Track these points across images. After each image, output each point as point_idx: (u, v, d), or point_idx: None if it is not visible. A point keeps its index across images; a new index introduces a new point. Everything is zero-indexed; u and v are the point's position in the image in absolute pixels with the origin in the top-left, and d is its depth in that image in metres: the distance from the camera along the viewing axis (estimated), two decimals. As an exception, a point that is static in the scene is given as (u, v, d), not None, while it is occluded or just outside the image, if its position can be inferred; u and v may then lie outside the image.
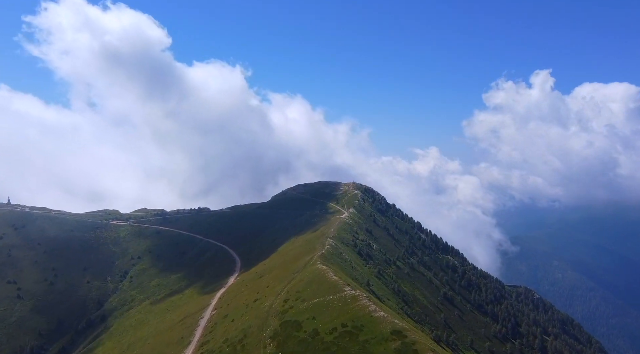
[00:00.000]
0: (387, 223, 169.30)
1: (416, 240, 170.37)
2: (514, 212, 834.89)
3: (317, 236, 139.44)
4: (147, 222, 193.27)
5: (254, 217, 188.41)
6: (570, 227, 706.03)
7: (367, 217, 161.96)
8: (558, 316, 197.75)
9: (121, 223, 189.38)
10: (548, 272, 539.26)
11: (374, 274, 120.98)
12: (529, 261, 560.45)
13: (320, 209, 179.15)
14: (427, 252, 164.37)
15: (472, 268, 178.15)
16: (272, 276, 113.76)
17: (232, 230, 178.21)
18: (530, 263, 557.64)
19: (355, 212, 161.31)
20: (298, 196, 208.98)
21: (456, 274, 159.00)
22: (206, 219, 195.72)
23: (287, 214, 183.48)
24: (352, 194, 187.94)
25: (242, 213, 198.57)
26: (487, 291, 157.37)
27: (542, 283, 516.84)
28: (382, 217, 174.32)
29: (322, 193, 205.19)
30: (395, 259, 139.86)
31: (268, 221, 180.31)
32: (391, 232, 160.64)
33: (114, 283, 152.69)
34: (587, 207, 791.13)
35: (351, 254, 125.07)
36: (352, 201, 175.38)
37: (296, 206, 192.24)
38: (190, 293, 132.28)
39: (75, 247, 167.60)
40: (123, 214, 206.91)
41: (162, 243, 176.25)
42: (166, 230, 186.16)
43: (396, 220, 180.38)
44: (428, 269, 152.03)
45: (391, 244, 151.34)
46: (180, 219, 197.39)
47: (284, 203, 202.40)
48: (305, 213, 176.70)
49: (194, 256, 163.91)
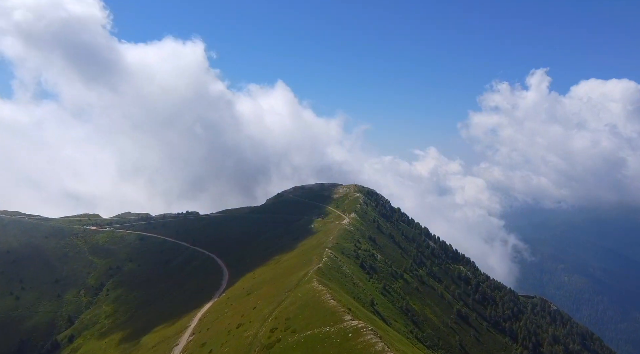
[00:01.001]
0: (392, 230, 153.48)
1: (424, 248, 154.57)
2: (518, 214, 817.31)
3: (314, 245, 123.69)
4: (129, 227, 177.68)
5: (246, 223, 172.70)
6: (576, 229, 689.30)
7: (370, 224, 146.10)
8: (577, 330, 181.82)
9: (101, 229, 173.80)
10: (554, 275, 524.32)
11: (378, 291, 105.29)
12: (534, 263, 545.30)
13: (319, 213, 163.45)
14: (436, 262, 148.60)
15: (485, 278, 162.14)
16: (261, 294, 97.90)
17: (222, 237, 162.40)
18: (536, 266, 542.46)
19: (356, 217, 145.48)
20: (294, 199, 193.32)
21: (469, 286, 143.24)
22: (194, 225, 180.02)
23: (282, 219, 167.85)
24: (354, 197, 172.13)
25: (233, 218, 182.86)
26: (504, 306, 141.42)
27: (548, 287, 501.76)
28: (387, 223, 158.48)
29: (321, 196, 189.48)
30: (402, 271, 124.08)
31: (261, 226, 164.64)
32: (397, 240, 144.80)
33: (88, 296, 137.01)
34: (593, 209, 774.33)
35: (353, 267, 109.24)
36: (354, 205, 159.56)
37: (292, 210, 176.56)
38: (170, 311, 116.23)
39: (48, 256, 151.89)
40: (104, 219, 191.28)
41: (145, 251, 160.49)
42: (150, 236, 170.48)
43: (402, 226, 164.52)
44: (438, 281, 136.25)
45: (397, 254, 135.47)
46: (167, 224, 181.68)
47: (279, 207, 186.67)
48: (302, 218, 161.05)
49: (178, 265, 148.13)
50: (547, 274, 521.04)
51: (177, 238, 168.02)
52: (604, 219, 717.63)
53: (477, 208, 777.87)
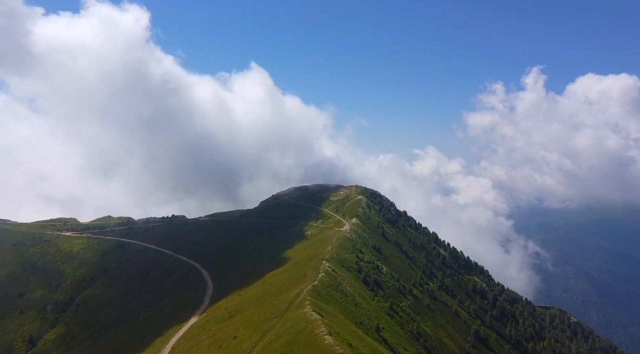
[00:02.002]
0: (399, 236, 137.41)
1: (434, 257, 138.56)
2: (525, 214, 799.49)
3: (310, 255, 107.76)
4: (109, 233, 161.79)
5: (236, 228, 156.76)
6: (581, 229, 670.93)
7: (374, 230, 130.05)
8: (600, 344, 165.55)
9: (77, 235, 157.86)
10: (560, 278, 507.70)
11: (385, 311, 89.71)
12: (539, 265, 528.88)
13: (316, 218, 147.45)
14: (448, 272, 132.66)
15: (501, 289, 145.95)
16: (244, 318, 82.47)
17: (208, 244, 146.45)
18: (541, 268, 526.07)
19: (358, 223, 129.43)
20: (290, 201, 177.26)
21: (486, 300, 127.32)
22: (179, 230, 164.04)
23: (275, 224, 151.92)
24: (355, 200, 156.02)
25: (221, 223, 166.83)
26: (525, 323, 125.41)
27: (554, 289, 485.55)
28: (392, 228, 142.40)
29: (319, 198, 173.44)
30: (411, 286, 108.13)
31: (252, 232, 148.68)
32: (404, 248, 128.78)
33: (55, 313, 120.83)
34: (599, 209, 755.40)
35: (354, 282, 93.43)
36: (355, 209, 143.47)
37: (287, 214, 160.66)
38: (142, 333, 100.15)
39: (13, 266, 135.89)
40: (81, 224, 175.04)
41: (123, 260, 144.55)
42: (131, 243, 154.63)
43: (409, 232, 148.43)
44: (452, 296, 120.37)
45: (405, 265, 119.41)
46: (149, 229, 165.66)
47: (273, 210, 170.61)
48: (298, 223, 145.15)
49: (159, 277, 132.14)
50: (552, 276, 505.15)
51: (160, 245, 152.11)
52: (610, 219, 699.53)
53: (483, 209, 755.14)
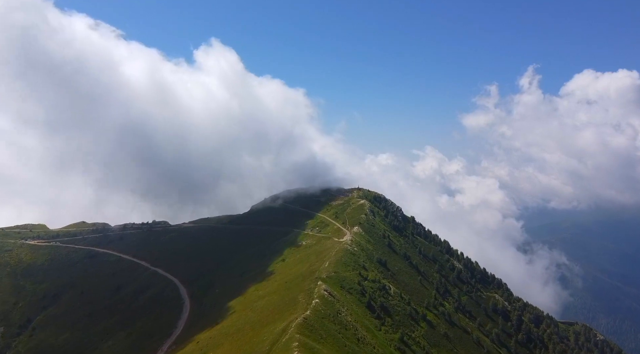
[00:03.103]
0: (407, 247, 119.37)
1: (448, 270, 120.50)
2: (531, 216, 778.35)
3: (304, 273, 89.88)
4: (80, 241, 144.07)
5: (222, 236, 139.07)
6: (588, 231, 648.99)
7: (379, 241, 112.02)
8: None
9: (44, 243, 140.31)
10: (567, 281, 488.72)
11: (394, 345, 71.92)
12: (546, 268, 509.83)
13: (313, 226, 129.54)
14: (465, 289, 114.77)
15: (523, 306, 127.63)
16: (217, 360, 64.62)
17: (190, 255, 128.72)
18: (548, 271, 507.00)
19: (361, 232, 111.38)
20: (284, 206, 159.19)
21: (509, 322, 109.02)
22: (159, 238, 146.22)
23: (266, 232, 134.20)
24: (357, 204, 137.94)
25: (207, 230, 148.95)
26: (555, 349, 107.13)
27: (561, 294, 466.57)
28: (400, 238, 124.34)
29: (317, 203, 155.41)
30: (424, 308, 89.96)
31: (240, 242, 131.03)
32: (414, 261, 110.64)
33: (6, 338, 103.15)
34: (606, 210, 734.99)
35: (356, 309, 75.64)
36: (358, 215, 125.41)
37: (281, 220, 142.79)
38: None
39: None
40: (50, 231, 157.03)
41: (93, 274, 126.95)
42: (103, 253, 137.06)
43: (418, 241, 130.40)
44: (471, 318, 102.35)
45: (416, 282, 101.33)
46: (126, 237, 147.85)
47: (266, 216, 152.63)
48: (292, 231, 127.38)
49: (131, 294, 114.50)
50: (564, 279, 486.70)
51: (136, 255, 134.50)
52: (618, 221, 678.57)
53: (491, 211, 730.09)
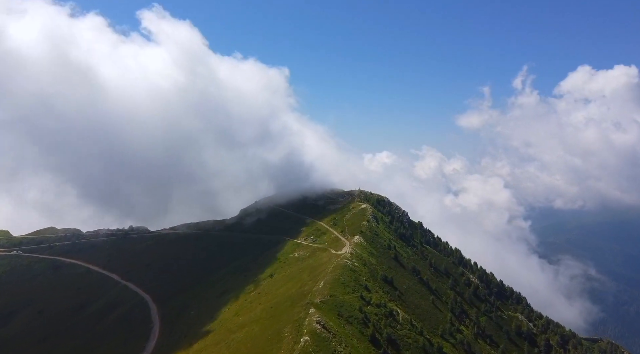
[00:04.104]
0: (417, 259, 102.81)
1: (463, 286, 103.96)
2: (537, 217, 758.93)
3: (293, 296, 73.69)
4: (45, 250, 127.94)
5: (204, 246, 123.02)
6: (594, 233, 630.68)
7: (384, 253, 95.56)
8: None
9: (4, 252, 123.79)
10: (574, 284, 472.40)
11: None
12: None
13: (308, 233, 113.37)
14: (483, 307, 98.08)
15: (546, 324, 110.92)
16: None
17: (166, 268, 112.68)
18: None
19: (363, 242, 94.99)
20: (276, 210, 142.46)
21: (536, 348, 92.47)
22: (134, 247, 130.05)
23: (255, 241, 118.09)
24: (358, 209, 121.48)
25: (188, 238, 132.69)
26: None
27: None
28: (407, 248, 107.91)
29: (313, 207, 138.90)
30: (439, 338, 73.41)
31: (224, 253, 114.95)
32: (425, 277, 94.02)
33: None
34: (612, 210, 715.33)
35: (357, 345, 59.77)
36: (359, 222, 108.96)
37: (271, 228, 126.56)
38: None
39: None
40: (13, 238, 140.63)
41: (56, 288, 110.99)
42: (70, 264, 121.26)
43: (428, 251, 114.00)
44: (492, 344, 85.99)
45: (428, 304, 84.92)
46: (97, 245, 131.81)
47: (255, 222, 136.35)
48: (283, 241, 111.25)
49: (96, 314, 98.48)
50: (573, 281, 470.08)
51: (107, 267, 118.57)
52: (625, 221, 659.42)
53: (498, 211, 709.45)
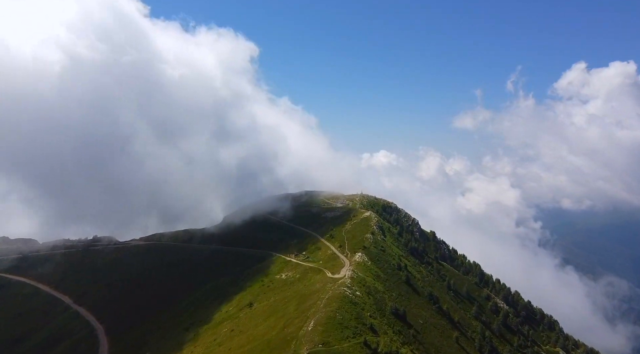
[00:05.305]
0: (433, 281, 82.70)
1: (490, 315, 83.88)
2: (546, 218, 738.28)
3: (274, 342, 53.76)
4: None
5: (176, 263, 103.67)
6: (601, 235, 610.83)
7: (393, 275, 75.69)
8: None
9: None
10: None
11: None
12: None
13: (300, 247, 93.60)
14: (516, 341, 78.01)
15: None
16: None
17: (128, 290, 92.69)
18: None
19: (366, 261, 75.26)
20: (263, 218, 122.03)
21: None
22: (95, 262, 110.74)
23: (236, 256, 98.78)
24: (360, 217, 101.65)
25: (159, 251, 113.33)
26: None
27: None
28: (421, 266, 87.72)
29: (307, 215, 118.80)
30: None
31: (198, 270, 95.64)
32: (446, 306, 73.90)
33: None
34: (620, 211, 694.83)
35: None
36: (361, 234, 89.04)
37: (256, 240, 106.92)
38: None
39: None
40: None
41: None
42: (17, 283, 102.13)
43: (446, 270, 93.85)
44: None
45: (451, 343, 65.00)
46: (53, 260, 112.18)
47: (238, 232, 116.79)
48: (269, 257, 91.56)
49: (31, 350, 78.13)
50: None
51: (60, 286, 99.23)
52: (633, 223, 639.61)
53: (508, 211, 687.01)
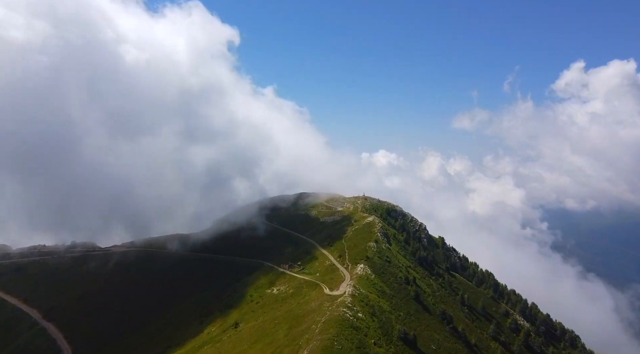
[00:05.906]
0: (444, 296, 72.77)
1: (509, 334, 73.89)
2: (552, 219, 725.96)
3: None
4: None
5: (158, 273, 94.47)
6: (606, 236, 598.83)
7: (400, 290, 65.89)
8: None
9: None
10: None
11: None
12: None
13: (294, 257, 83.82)
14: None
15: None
16: None
17: (104, 301, 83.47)
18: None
19: (369, 274, 65.62)
20: (258, 224, 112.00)
21: None
22: (70, 271, 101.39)
23: (224, 266, 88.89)
24: (363, 223, 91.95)
25: (141, 260, 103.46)
26: None
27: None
28: (431, 279, 77.77)
29: (303, 219, 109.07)
30: None
31: (181, 281, 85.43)
32: (461, 327, 63.93)
33: None
34: (627, 213, 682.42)
35: None
36: (363, 242, 79.29)
37: (247, 248, 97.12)
38: None
39: None
40: None
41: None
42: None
43: (458, 281, 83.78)
44: None
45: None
46: (26, 268, 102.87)
47: (228, 239, 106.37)
48: (260, 267, 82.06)
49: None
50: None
51: (30, 298, 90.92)
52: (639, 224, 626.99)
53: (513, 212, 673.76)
